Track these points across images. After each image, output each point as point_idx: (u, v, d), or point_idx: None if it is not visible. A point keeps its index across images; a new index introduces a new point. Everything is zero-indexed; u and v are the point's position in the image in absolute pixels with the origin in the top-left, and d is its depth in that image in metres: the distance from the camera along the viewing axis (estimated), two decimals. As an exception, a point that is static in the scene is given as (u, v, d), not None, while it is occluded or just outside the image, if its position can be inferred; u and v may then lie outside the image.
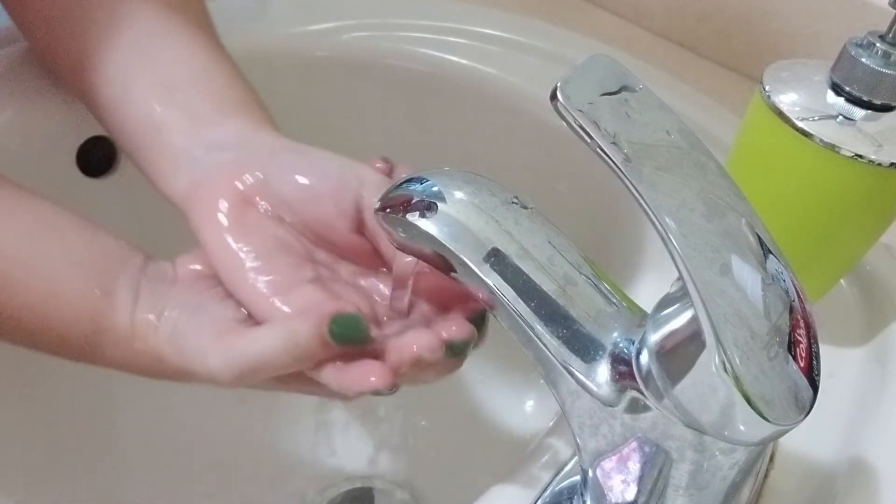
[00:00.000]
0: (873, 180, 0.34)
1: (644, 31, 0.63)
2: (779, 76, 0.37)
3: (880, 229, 0.38)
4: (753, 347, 0.24)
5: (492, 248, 0.30)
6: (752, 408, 0.23)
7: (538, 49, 0.56)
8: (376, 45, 0.56)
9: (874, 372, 0.39)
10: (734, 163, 0.39)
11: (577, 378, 0.29)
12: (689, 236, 0.24)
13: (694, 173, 0.25)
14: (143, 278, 0.34)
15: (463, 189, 0.31)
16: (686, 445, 0.27)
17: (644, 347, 0.27)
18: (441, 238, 0.30)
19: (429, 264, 0.32)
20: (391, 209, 0.31)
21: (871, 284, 0.44)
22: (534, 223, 0.31)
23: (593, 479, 0.30)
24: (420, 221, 0.30)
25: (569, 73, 0.25)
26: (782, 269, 0.26)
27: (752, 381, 0.23)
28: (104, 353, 0.34)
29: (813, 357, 0.25)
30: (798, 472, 0.35)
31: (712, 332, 0.23)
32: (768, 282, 0.25)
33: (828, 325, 0.41)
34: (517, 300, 0.29)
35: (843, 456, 0.35)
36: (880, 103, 0.35)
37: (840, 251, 0.39)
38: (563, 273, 0.30)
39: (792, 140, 0.35)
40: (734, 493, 0.29)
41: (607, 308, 0.30)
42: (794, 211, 0.37)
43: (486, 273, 0.29)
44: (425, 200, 0.31)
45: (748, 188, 0.39)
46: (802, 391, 0.25)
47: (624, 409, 0.28)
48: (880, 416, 0.37)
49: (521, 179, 0.39)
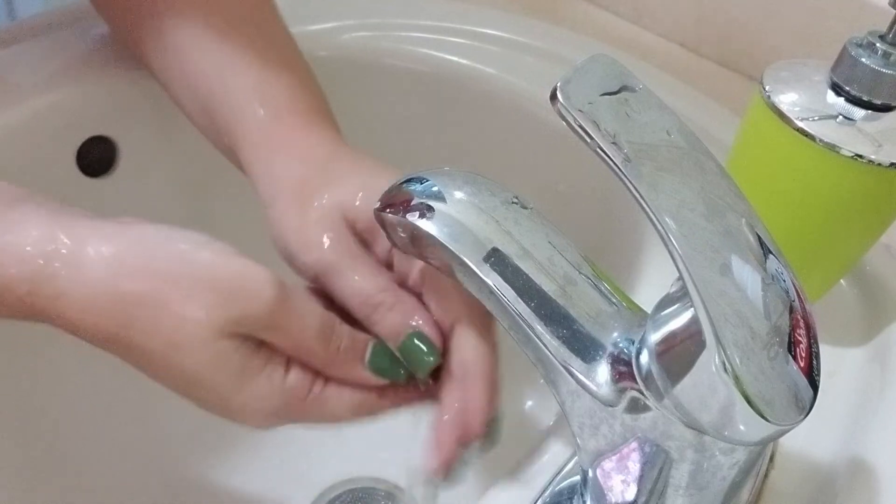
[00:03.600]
0: (873, 180, 0.34)
1: (644, 31, 0.63)
2: (779, 76, 0.37)
3: (880, 229, 0.38)
4: (753, 347, 0.24)
5: (492, 248, 0.30)
6: (753, 408, 0.23)
7: (538, 49, 0.56)
8: (376, 45, 0.56)
9: (874, 372, 0.39)
10: (734, 163, 0.39)
11: (577, 378, 0.29)
12: (689, 236, 0.24)
13: (694, 173, 0.25)
14: (63, 207, 0.29)
15: (463, 189, 0.31)
16: (686, 445, 0.27)
17: (644, 347, 0.27)
18: (441, 238, 0.30)
19: (430, 265, 0.32)
20: (391, 209, 0.31)
21: (871, 284, 0.44)
22: (534, 223, 0.31)
23: (593, 479, 0.30)
24: (420, 221, 0.30)
25: (569, 73, 0.25)
26: (782, 269, 0.26)
27: (752, 381, 0.23)
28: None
29: (813, 357, 0.25)
30: (798, 472, 0.35)
31: (712, 332, 0.23)
32: (768, 282, 0.25)
33: (828, 325, 0.41)
34: (517, 300, 0.29)
35: (843, 456, 0.35)
36: (880, 103, 0.35)
37: (840, 251, 0.39)
38: (563, 273, 0.30)
39: (792, 140, 0.35)
40: (734, 493, 0.29)
41: (607, 308, 0.30)
42: (794, 211, 0.37)
43: (486, 273, 0.29)
44: (425, 201, 0.31)
45: (748, 188, 0.39)
46: (802, 391, 0.25)
47: (624, 409, 0.28)
48: (880, 416, 0.37)
49: (521, 179, 0.39)
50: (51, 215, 0.28)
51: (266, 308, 0.28)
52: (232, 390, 0.28)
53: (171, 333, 0.27)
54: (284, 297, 0.29)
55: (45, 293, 0.27)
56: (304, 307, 0.30)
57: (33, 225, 0.28)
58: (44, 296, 0.27)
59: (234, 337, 0.28)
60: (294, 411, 0.29)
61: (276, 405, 0.29)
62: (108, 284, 0.27)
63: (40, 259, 0.27)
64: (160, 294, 0.27)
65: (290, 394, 0.29)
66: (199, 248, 0.28)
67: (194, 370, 0.28)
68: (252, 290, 0.28)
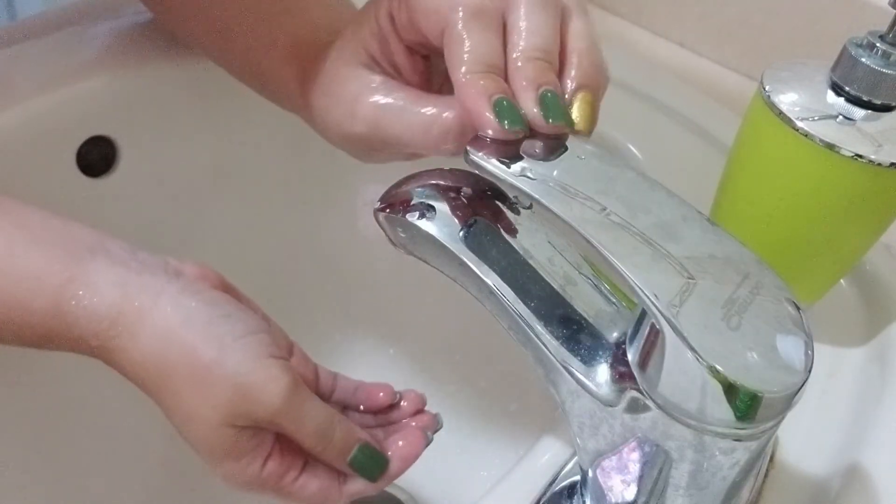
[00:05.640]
0: (873, 180, 0.34)
1: (644, 31, 0.63)
2: (779, 76, 0.37)
3: (880, 229, 0.38)
4: (709, 320, 0.24)
5: (492, 248, 0.30)
6: (717, 378, 0.23)
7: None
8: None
9: (874, 372, 0.39)
10: (734, 163, 0.39)
11: (577, 378, 0.29)
12: (619, 239, 0.25)
13: (607, 188, 0.27)
14: (132, 261, 0.34)
15: (463, 189, 0.31)
16: (686, 445, 0.27)
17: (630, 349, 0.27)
18: (441, 238, 0.30)
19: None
20: (391, 209, 0.32)
21: (871, 284, 0.44)
22: (534, 223, 0.31)
23: (593, 479, 0.30)
24: (420, 222, 0.30)
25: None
26: (725, 238, 0.27)
27: (714, 353, 0.23)
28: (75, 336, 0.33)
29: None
30: (798, 472, 0.35)
31: (661, 315, 0.24)
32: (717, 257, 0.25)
33: (828, 325, 0.41)
34: (517, 300, 0.29)
35: (843, 455, 0.35)
36: (880, 103, 0.35)
37: (840, 251, 0.39)
38: (563, 273, 0.30)
39: (792, 140, 0.35)
40: (734, 493, 0.29)
41: (607, 308, 0.30)
42: (794, 211, 0.37)
43: (485, 273, 0.29)
44: (425, 200, 0.31)
45: (748, 188, 0.39)
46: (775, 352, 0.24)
47: (624, 409, 0.28)
48: (880, 415, 0.37)
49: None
50: (120, 275, 0.33)
51: (272, 412, 0.31)
52: (217, 464, 0.33)
53: (188, 409, 0.32)
54: (292, 401, 0.32)
55: (107, 347, 0.32)
56: (309, 409, 0.32)
57: (106, 287, 0.32)
58: (105, 349, 0.32)
59: (238, 426, 0.32)
60: (266, 488, 0.33)
61: (248, 484, 0.33)
62: (154, 357, 0.32)
63: (106, 321, 0.32)
64: (190, 377, 0.32)
65: (264, 477, 0.33)
66: (232, 346, 0.32)
67: (195, 439, 0.32)
68: (264, 396, 0.31)
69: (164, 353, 0.32)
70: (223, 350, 0.31)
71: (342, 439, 0.33)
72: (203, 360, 0.31)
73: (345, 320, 0.60)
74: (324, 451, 0.33)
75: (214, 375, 0.31)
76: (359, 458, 0.34)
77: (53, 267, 0.32)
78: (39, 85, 0.47)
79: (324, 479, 0.34)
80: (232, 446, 0.32)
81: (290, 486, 0.33)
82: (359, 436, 0.34)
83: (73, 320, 0.32)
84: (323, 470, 0.34)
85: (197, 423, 0.32)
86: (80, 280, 0.32)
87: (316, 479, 0.34)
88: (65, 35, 0.50)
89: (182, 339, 0.32)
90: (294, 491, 0.33)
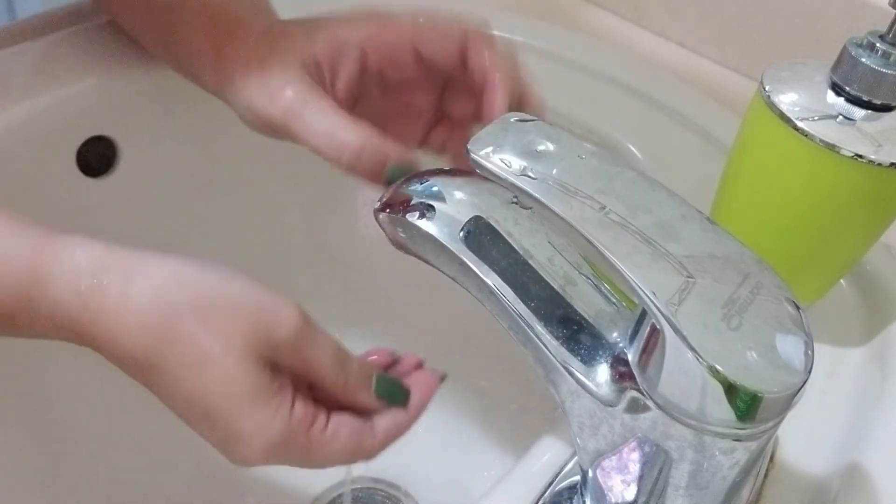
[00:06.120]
0: (873, 180, 0.34)
1: (644, 31, 0.63)
2: (779, 76, 0.37)
3: (880, 229, 0.38)
4: (709, 319, 0.24)
5: (492, 248, 0.30)
6: (717, 378, 0.23)
7: (538, 49, 0.56)
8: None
9: (874, 372, 0.39)
10: (734, 163, 0.39)
11: (577, 378, 0.29)
12: (619, 238, 0.25)
13: (607, 186, 0.27)
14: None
15: (463, 189, 0.31)
16: (686, 445, 0.27)
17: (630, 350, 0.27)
18: (441, 238, 0.30)
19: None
20: (391, 209, 0.32)
21: (871, 284, 0.44)
22: (534, 223, 0.31)
23: (593, 479, 0.30)
24: (420, 222, 0.30)
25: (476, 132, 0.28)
26: (725, 238, 0.27)
27: (714, 353, 0.23)
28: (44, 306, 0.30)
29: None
30: (798, 472, 0.35)
31: (661, 316, 0.24)
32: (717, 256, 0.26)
33: (828, 325, 0.41)
34: (517, 300, 0.29)
35: (843, 455, 0.35)
36: (880, 103, 0.35)
37: (840, 251, 0.39)
38: (563, 273, 0.30)
39: (792, 140, 0.35)
40: (734, 493, 0.29)
41: (607, 308, 0.30)
42: (794, 211, 0.37)
43: (485, 273, 0.30)
44: (425, 200, 0.31)
45: (748, 188, 0.39)
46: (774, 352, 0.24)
47: (624, 409, 0.28)
48: (880, 415, 0.37)
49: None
50: (98, 243, 0.31)
51: (292, 333, 0.30)
52: (240, 416, 0.29)
53: (201, 353, 0.29)
54: (308, 326, 0.31)
55: (92, 314, 0.30)
56: (323, 337, 0.31)
57: (86, 244, 0.30)
58: (89, 317, 0.29)
59: (258, 360, 0.30)
60: (293, 445, 0.31)
61: (278, 435, 0.30)
62: (154, 305, 0.29)
63: (94, 279, 0.29)
64: (200, 311, 0.29)
65: (294, 425, 0.30)
66: (231, 278, 0.31)
67: (212, 389, 0.29)
68: (281, 317, 0.30)
69: (165, 295, 0.29)
70: (229, 280, 0.30)
71: (360, 368, 0.32)
72: (210, 292, 0.30)
73: (345, 320, 0.60)
74: (346, 383, 0.31)
75: (226, 302, 0.29)
76: (382, 385, 0.32)
77: (24, 240, 0.30)
78: (39, 85, 0.46)
79: (353, 422, 0.32)
80: (257, 386, 0.29)
81: (320, 438, 0.31)
82: (373, 365, 0.33)
83: (48, 275, 0.29)
84: (348, 416, 0.32)
85: (213, 366, 0.29)
86: (57, 245, 0.30)
87: (345, 424, 0.32)
88: (65, 35, 0.50)
89: (182, 277, 0.30)
90: (326, 441, 0.31)
